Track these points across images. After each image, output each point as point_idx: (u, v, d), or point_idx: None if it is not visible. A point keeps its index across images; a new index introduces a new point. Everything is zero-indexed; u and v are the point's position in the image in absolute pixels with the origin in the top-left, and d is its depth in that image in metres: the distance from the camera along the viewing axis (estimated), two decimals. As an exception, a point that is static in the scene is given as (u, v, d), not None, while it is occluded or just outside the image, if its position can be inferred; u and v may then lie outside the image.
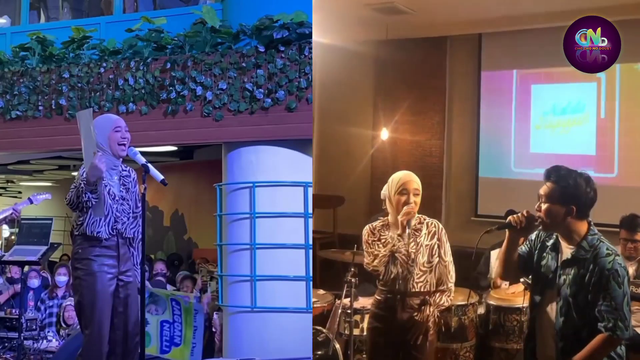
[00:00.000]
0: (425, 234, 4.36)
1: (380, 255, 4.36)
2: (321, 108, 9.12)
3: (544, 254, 3.65)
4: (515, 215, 3.58)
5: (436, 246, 4.36)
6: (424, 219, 4.43)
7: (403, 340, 4.38)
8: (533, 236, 3.72)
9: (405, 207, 4.30)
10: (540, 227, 3.60)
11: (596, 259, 3.44)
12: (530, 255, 3.72)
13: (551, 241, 3.65)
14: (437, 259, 4.36)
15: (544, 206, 3.52)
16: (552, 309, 3.58)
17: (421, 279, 4.36)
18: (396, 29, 8.40)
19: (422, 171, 8.68)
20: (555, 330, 3.54)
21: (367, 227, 4.50)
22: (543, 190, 3.55)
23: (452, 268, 4.44)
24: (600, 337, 3.43)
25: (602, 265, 3.41)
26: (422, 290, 4.36)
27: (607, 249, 3.46)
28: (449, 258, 4.43)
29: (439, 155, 8.98)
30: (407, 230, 4.28)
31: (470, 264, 6.62)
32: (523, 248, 3.74)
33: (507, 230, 3.64)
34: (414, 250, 4.33)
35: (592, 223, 3.55)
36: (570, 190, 3.48)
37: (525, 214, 3.55)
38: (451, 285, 4.44)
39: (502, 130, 8.41)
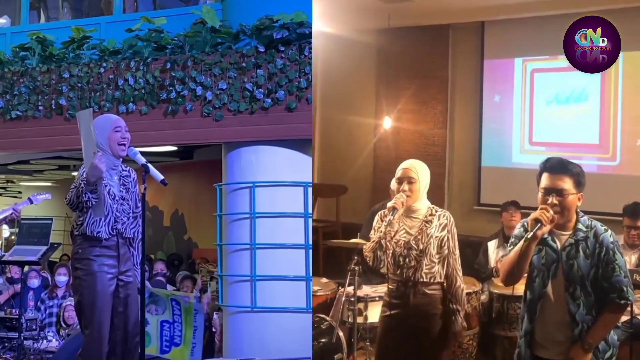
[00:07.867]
0: (436, 225, 4.32)
1: (371, 241, 4.40)
2: (323, 98, 9.11)
3: (540, 246, 3.62)
4: (541, 213, 3.48)
5: (446, 238, 4.32)
6: (435, 211, 4.38)
7: (417, 327, 4.35)
8: (516, 232, 3.69)
9: (396, 195, 4.31)
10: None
11: (597, 236, 3.54)
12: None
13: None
14: (447, 250, 4.32)
15: (569, 197, 3.50)
16: (560, 297, 3.58)
17: (431, 270, 4.32)
18: (398, 17, 8.38)
19: (425, 160, 8.56)
20: (570, 315, 3.55)
21: (379, 212, 4.50)
22: (563, 183, 3.51)
23: (459, 265, 4.40)
24: (611, 308, 3.54)
25: (605, 240, 3.52)
26: (431, 280, 4.32)
27: (602, 225, 3.59)
28: (457, 252, 4.38)
29: (441, 144, 8.96)
30: (389, 217, 4.26)
31: (473, 253, 6.63)
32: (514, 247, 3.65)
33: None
34: (422, 241, 4.30)
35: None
36: (582, 178, 3.56)
37: (547, 210, 3.49)
38: (461, 283, 4.39)
39: (505, 119, 8.39)
